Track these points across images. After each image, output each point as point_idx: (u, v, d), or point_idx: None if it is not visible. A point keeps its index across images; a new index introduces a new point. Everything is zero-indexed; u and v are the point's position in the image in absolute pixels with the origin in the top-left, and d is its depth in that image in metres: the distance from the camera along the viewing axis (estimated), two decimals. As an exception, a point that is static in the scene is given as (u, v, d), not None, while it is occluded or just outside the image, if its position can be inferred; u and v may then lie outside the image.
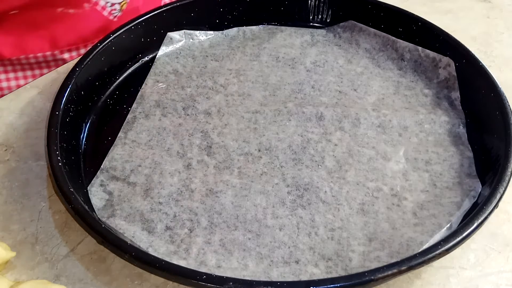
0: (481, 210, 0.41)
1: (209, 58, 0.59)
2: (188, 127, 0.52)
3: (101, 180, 0.47)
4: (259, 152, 0.49)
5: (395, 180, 0.47)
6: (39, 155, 0.50)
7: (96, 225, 0.40)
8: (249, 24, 0.63)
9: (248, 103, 0.54)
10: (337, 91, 0.55)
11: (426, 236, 0.43)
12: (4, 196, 0.47)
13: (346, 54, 0.60)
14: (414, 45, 0.58)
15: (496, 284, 0.42)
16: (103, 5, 0.63)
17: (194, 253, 0.42)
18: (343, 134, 0.51)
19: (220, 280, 0.37)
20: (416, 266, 0.38)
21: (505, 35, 0.66)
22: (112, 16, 0.64)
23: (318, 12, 0.63)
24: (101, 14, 0.63)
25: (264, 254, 0.42)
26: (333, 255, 0.42)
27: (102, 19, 0.64)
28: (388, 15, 0.59)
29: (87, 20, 0.63)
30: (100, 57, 0.54)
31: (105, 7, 0.63)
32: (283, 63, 0.59)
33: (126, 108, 0.54)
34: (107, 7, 0.63)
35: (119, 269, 0.42)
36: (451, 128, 0.52)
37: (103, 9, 0.63)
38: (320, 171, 0.48)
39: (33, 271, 0.42)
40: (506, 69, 0.60)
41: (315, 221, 0.44)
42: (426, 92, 0.55)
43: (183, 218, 0.44)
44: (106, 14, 0.64)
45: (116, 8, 0.64)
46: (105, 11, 0.63)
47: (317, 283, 0.37)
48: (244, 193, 0.46)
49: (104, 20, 0.64)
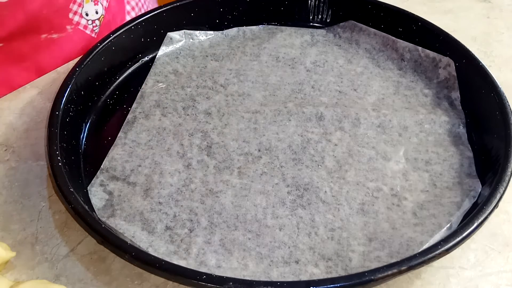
0: (481, 210, 0.41)
1: (209, 58, 0.59)
2: (188, 127, 0.52)
3: (101, 180, 0.47)
4: (259, 152, 0.49)
5: (395, 180, 0.47)
6: (39, 155, 0.50)
7: (96, 225, 0.40)
8: (249, 24, 0.63)
9: (248, 103, 0.54)
10: (337, 91, 0.55)
11: (426, 236, 0.43)
12: (4, 196, 0.47)
13: (346, 54, 0.60)
14: (414, 45, 0.58)
15: (496, 284, 0.42)
16: (85, 24, 0.62)
17: (194, 253, 0.42)
18: (343, 134, 0.51)
19: (220, 280, 0.37)
20: (416, 266, 0.38)
21: (505, 35, 0.66)
22: (94, 33, 0.64)
23: (318, 12, 0.63)
24: (84, 33, 0.63)
25: (264, 254, 0.42)
26: (333, 255, 0.42)
27: (85, 38, 0.63)
28: (388, 15, 0.59)
29: (71, 42, 0.62)
30: (100, 57, 0.54)
31: (86, 25, 0.62)
32: (283, 63, 0.59)
33: (126, 108, 0.54)
34: (89, 25, 0.63)
35: (119, 269, 0.42)
36: (451, 128, 0.52)
37: (85, 27, 0.62)
38: (320, 171, 0.48)
39: (33, 271, 0.42)
40: (506, 69, 0.60)
41: (315, 221, 0.44)
42: (426, 92, 0.55)
43: (183, 218, 0.44)
44: (89, 32, 0.63)
45: (96, 24, 0.63)
46: (87, 29, 0.63)
47: (317, 283, 0.37)
48: (244, 193, 0.46)
49: (87, 39, 0.63)
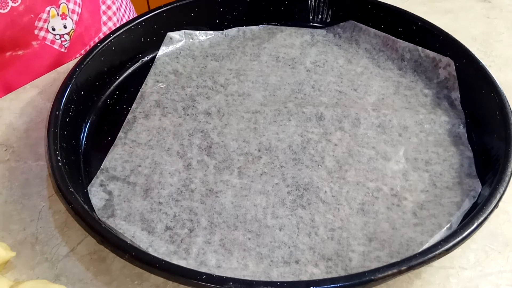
0: (481, 210, 0.41)
1: (209, 58, 0.59)
2: (188, 127, 0.52)
3: (101, 180, 0.47)
4: (259, 152, 0.49)
5: (395, 180, 0.47)
6: (39, 155, 0.50)
7: (96, 225, 0.40)
8: (249, 24, 0.63)
9: (248, 103, 0.54)
10: (337, 91, 0.55)
11: (426, 236, 0.43)
12: (4, 196, 0.47)
13: (346, 54, 0.60)
14: (414, 45, 0.58)
15: (496, 284, 0.42)
16: (52, 39, 0.61)
17: (194, 253, 0.42)
18: (343, 134, 0.51)
19: (220, 280, 0.37)
20: (416, 266, 0.38)
21: (505, 35, 0.66)
22: (63, 48, 0.63)
23: (318, 12, 0.63)
24: (52, 48, 0.62)
25: (264, 254, 0.42)
26: (333, 255, 0.42)
27: (53, 53, 0.62)
28: (388, 15, 0.59)
29: (38, 57, 0.61)
30: (100, 57, 0.54)
31: (54, 40, 0.61)
32: (283, 63, 0.59)
33: (126, 108, 0.54)
34: (56, 39, 0.61)
35: (119, 269, 0.42)
36: (451, 128, 0.52)
37: (53, 42, 0.61)
38: (320, 171, 0.48)
39: (33, 271, 0.42)
40: (506, 69, 0.60)
41: (315, 221, 0.44)
42: (426, 92, 0.55)
43: (183, 218, 0.44)
44: (57, 47, 0.62)
45: (65, 38, 0.62)
46: (55, 44, 0.62)
47: (317, 283, 0.37)
48: (244, 193, 0.46)
49: (56, 54, 0.62)
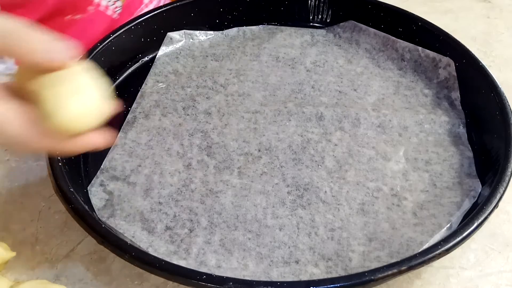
0: (481, 210, 0.41)
1: (209, 58, 0.59)
2: (188, 127, 0.52)
3: (101, 180, 0.47)
4: (259, 152, 0.49)
5: (395, 180, 0.47)
6: (39, 155, 0.50)
7: (96, 225, 0.40)
8: (249, 24, 0.63)
9: (248, 103, 0.54)
10: (337, 91, 0.55)
11: (426, 236, 0.43)
12: (4, 196, 0.47)
13: (346, 54, 0.60)
14: (414, 45, 0.58)
15: (496, 284, 0.42)
16: (106, 5, 0.63)
17: (194, 253, 0.42)
18: (343, 134, 0.51)
19: (220, 280, 0.37)
20: (416, 266, 0.38)
21: (505, 35, 0.66)
22: (115, 14, 0.64)
23: (318, 12, 0.63)
24: (105, 14, 0.63)
25: (264, 254, 0.42)
26: (333, 255, 0.42)
27: (106, 20, 0.63)
28: (388, 15, 0.59)
29: (93, 23, 0.63)
30: (100, 57, 0.54)
31: (107, 6, 0.63)
32: (283, 63, 0.59)
33: (126, 108, 0.54)
34: (110, 6, 0.63)
35: (119, 269, 0.42)
36: (451, 128, 0.52)
37: (106, 8, 0.63)
38: (320, 171, 0.48)
39: (33, 271, 0.42)
40: (506, 69, 0.60)
41: (315, 221, 0.44)
42: (426, 92, 0.55)
43: (183, 218, 0.44)
44: (110, 13, 0.63)
45: (118, 5, 0.63)
46: (109, 10, 0.63)
47: (317, 283, 0.37)
48: (244, 193, 0.46)
49: (109, 20, 0.64)
